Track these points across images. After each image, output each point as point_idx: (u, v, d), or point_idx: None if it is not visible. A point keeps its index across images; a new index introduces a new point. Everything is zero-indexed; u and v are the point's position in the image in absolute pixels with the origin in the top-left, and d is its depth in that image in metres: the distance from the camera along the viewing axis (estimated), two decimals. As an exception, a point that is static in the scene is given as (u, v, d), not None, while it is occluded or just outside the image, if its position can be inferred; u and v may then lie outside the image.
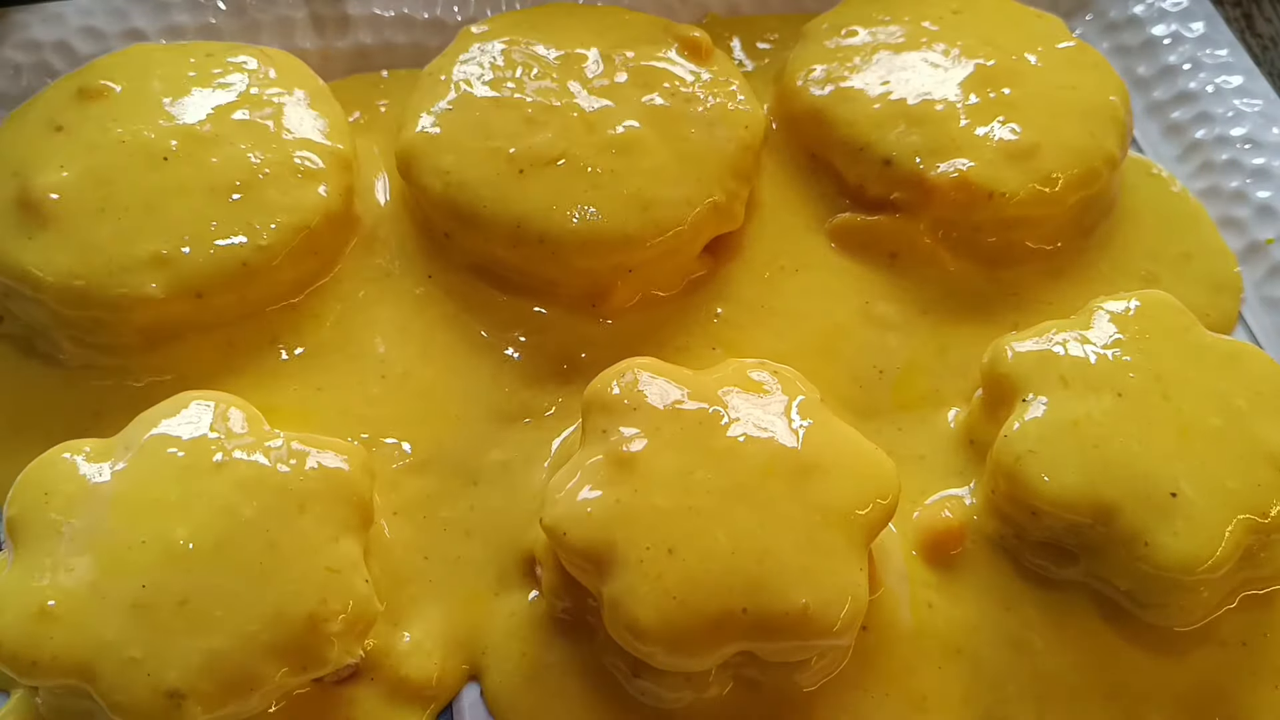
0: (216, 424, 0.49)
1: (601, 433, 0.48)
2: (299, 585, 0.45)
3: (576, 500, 0.46)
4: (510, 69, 0.62)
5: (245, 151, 0.58)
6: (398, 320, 0.58)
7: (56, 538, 0.45)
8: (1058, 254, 0.62)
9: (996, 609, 0.50)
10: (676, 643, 0.44)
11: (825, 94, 0.63)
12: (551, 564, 0.49)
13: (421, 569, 0.52)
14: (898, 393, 0.57)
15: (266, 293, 0.57)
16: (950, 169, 0.59)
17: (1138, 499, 0.47)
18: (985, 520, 0.52)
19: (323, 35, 0.69)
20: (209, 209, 0.56)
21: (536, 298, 0.59)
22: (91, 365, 0.56)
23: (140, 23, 0.67)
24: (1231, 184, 0.65)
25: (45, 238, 0.54)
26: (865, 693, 0.48)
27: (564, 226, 0.56)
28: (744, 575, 0.44)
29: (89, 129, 0.58)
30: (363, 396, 0.56)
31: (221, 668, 0.43)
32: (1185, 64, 0.71)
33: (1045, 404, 0.50)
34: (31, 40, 0.66)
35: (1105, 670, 0.49)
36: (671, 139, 0.59)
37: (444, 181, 0.58)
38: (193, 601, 0.44)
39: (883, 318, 0.60)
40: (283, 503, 0.47)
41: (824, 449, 0.48)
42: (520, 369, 0.57)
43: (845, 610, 0.44)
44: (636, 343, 0.57)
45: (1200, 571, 0.46)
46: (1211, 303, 0.61)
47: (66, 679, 0.43)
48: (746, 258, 0.61)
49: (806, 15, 0.71)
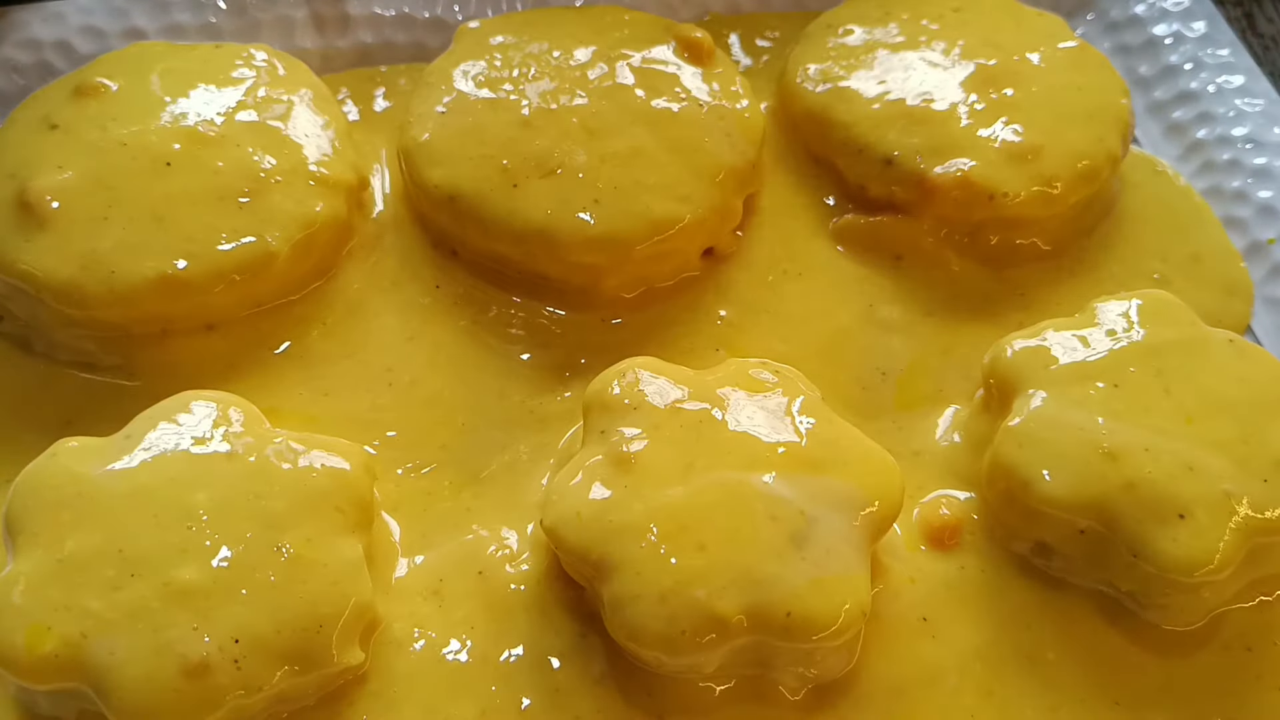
0: (217, 423, 0.49)
1: (601, 433, 0.48)
2: (300, 585, 0.45)
3: (576, 501, 0.46)
4: (511, 69, 0.62)
5: (247, 154, 0.57)
6: (406, 330, 0.58)
7: (57, 537, 0.45)
8: (1061, 254, 0.62)
9: (998, 608, 0.50)
10: (677, 645, 0.44)
11: (826, 93, 0.63)
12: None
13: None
14: (901, 393, 0.57)
15: (270, 294, 0.57)
16: (952, 169, 0.59)
17: (1139, 499, 0.47)
18: (985, 519, 0.52)
19: (323, 34, 0.69)
20: (213, 214, 0.55)
21: (541, 299, 0.59)
22: (92, 364, 0.56)
23: (141, 21, 0.67)
24: (1233, 184, 0.65)
25: (45, 239, 0.54)
26: (866, 691, 0.48)
27: (565, 225, 0.56)
28: (745, 575, 0.44)
29: (85, 127, 0.57)
30: (370, 403, 0.56)
31: (224, 666, 0.43)
32: (1187, 64, 0.71)
33: (1046, 403, 0.50)
34: (31, 39, 0.66)
35: (1106, 668, 0.49)
36: (671, 139, 0.59)
37: (445, 184, 0.58)
38: (194, 601, 0.44)
39: (887, 320, 0.60)
40: (284, 502, 0.46)
41: (826, 448, 0.48)
42: (527, 376, 0.57)
43: (847, 611, 0.44)
44: (641, 345, 0.57)
45: (1202, 573, 0.46)
46: (1225, 306, 0.61)
47: (67, 681, 0.43)
48: (749, 260, 0.61)
49: (808, 13, 0.71)
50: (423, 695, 0.47)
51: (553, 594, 0.50)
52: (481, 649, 0.48)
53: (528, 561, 0.51)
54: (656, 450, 0.47)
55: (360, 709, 0.47)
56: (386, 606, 0.49)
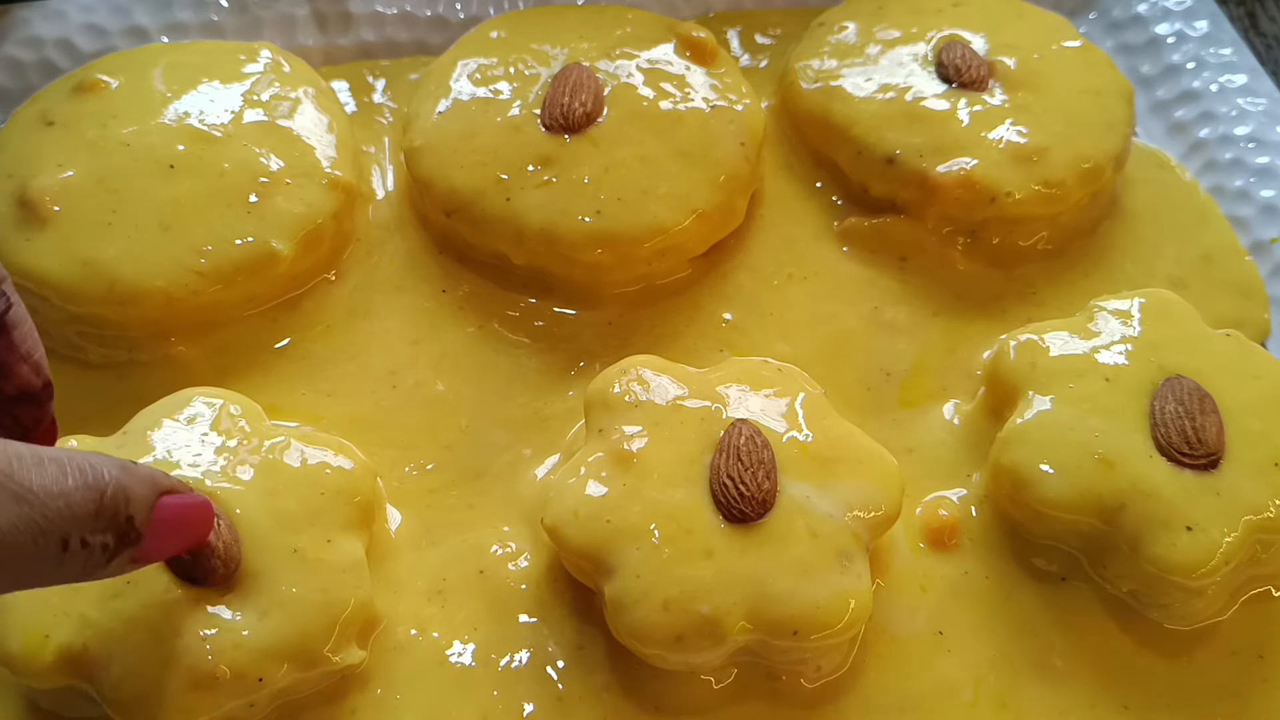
0: (219, 420, 0.49)
1: (601, 431, 0.48)
2: (301, 583, 0.45)
3: (576, 499, 0.46)
4: (512, 68, 0.62)
5: (253, 155, 0.57)
6: (411, 334, 0.58)
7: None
8: (1064, 253, 0.62)
9: (1004, 615, 0.50)
10: (678, 643, 0.44)
11: (826, 92, 0.63)
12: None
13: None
14: (904, 392, 0.57)
15: (273, 294, 0.57)
16: (954, 168, 0.59)
17: (1139, 500, 0.47)
18: (986, 518, 0.52)
19: (325, 32, 0.69)
20: (219, 218, 0.55)
21: (546, 299, 0.59)
22: (93, 361, 0.56)
23: (142, 20, 0.67)
24: (1235, 183, 0.65)
25: (46, 238, 0.54)
26: (867, 689, 0.48)
27: (567, 224, 0.56)
28: (746, 574, 0.44)
29: (84, 125, 0.57)
30: (374, 405, 0.56)
31: (224, 666, 0.43)
32: (1189, 63, 0.70)
33: (1047, 402, 0.50)
34: (33, 37, 0.66)
35: (1115, 672, 0.49)
36: (674, 139, 0.59)
37: (446, 184, 0.58)
38: (195, 604, 0.44)
39: (892, 322, 0.59)
40: (285, 500, 0.46)
41: (828, 447, 0.48)
42: (531, 377, 0.57)
43: (848, 612, 0.44)
44: (645, 347, 0.57)
45: (1204, 573, 0.46)
46: (1244, 311, 0.60)
47: (68, 680, 0.43)
48: (754, 263, 0.61)
49: (810, 10, 0.71)
50: (425, 699, 0.47)
51: (555, 593, 0.50)
52: (484, 652, 0.48)
53: (530, 560, 0.51)
54: (657, 448, 0.47)
55: (363, 715, 0.46)
56: (388, 606, 0.49)
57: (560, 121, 0.59)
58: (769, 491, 0.46)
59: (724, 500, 0.46)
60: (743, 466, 0.46)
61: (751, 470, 0.46)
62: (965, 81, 0.62)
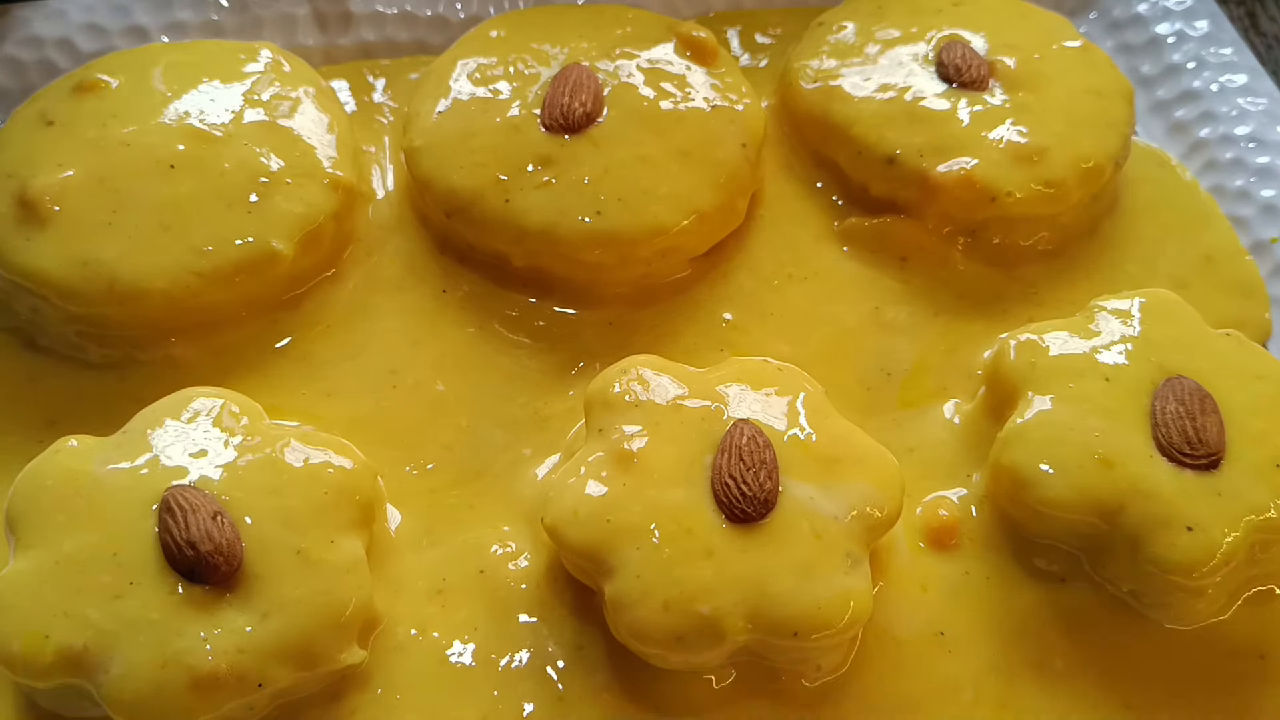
0: (219, 419, 0.49)
1: (601, 431, 0.48)
2: (302, 585, 0.45)
3: (577, 498, 0.46)
4: (513, 67, 0.62)
5: (253, 155, 0.57)
6: (411, 333, 0.58)
7: (55, 538, 0.45)
8: (1065, 252, 0.62)
9: (1005, 616, 0.50)
10: (678, 643, 0.44)
11: (826, 92, 0.63)
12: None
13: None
14: (904, 392, 0.57)
15: (273, 293, 0.57)
16: (954, 167, 0.59)
17: (1140, 500, 0.47)
18: (987, 518, 0.52)
19: (325, 32, 0.69)
20: (220, 218, 0.55)
21: (546, 299, 0.59)
22: (94, 361, 0.56)
23: (142, 19, 0.67)
24: (1236, 183, 0.65)
25: (46, 238, 0.54)
26: (867, 689, 0.48)
27: (567, 224, 0.56)
28: (746, 574, 0.44)
29: (84, 124, 0.57)
30: (374, 405, 0.56)
31: (224, 666, 0.43)
32: (1189, 63, 0.70)
33: (1047, 402, 0.50)
34: (33, 37, 0.66)
35: (1116, 672, 0.49)
36: (674, 139, 0.59)
37: (446, 184, 0.58)
38: (196, 606, 0.44)
39: (893, 322, 0.60)
40: (287, 499, 0.46)
41: (829, 447, 0.48)
42: (531, 376, 0.57)
43: (848, 612, 0.44)
44: (646, 346, 0.57)
45: (1204, 573, 0.46)
46: (1244, 311, 0.60)
47: (68, 678, 0.43)
48: (752, 262, 0.61)
49: (810, 10, 0.71)
50: (425, 699, 0.47)
51: (555, 593, 0.50)
52: (484, 652, 0.48)
53: (530, 560, 0.51)
54: (657, 448, 0.47)
55: (363, 715, 0.46)
56: (388, 606, 0.49)
57: (560, 121, 0.59)
58: (771, 491, 0.46)
59: (726, 500, 0.46)
60: (745, 466, 0.46)
61: (754, 470, 0.46)
62: (965, 81, 0.62)
